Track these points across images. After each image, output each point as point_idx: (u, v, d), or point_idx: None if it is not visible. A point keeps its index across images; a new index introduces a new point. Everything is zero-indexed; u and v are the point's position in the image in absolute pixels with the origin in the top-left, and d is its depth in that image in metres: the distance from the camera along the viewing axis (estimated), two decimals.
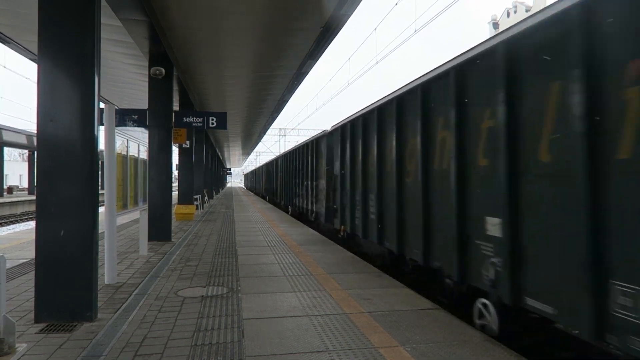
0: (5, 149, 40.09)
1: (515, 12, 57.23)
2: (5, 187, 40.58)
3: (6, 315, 3.44)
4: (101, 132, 4.98)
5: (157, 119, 9.96)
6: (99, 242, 4.77)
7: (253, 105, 18.24)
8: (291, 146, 26.40)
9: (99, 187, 4.79)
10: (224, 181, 64.30)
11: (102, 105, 5.62)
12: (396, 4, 13.36)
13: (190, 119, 11.06)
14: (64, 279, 4.28)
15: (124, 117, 9.88)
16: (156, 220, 9.73)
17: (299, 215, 16.40)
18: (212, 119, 11.09)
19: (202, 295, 5.30)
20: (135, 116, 9.96)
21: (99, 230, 4.68)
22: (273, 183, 27.16)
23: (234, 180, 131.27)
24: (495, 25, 60.38)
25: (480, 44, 4.65)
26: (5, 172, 42.55)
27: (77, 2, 4.36)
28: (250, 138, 34.78)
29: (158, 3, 7.68)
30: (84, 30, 4.37)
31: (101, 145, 5.31)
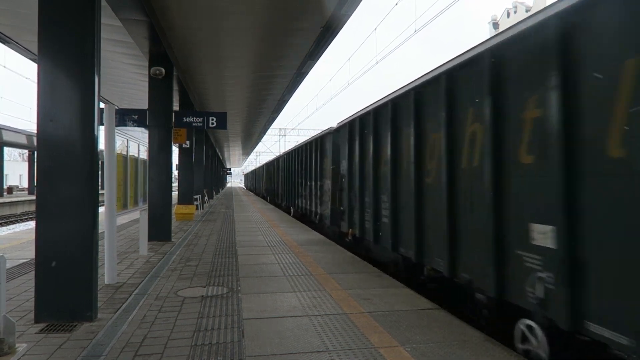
0: (5, 149, 40.10)
1: (515, 12, 57.27)
2: (5, 187, 40.58)
3: (6, 315, 3.44)
4: (101, 132, 4.99)
5: (157, 119, 9.97)
6: (99, 242, 4.77)
7: (253, 105, 18.25)
8: (291, 146, 26.31)
9: (99, 187, 4.79)
10: (224, 181, 64.31)
11: (102, 105, 5.62)
12: (396, 4, 13.37)
13: (190, 119, 11.06)
14: (64, 279, 4.28)
15: (124, 117, 9.88)
16: (156, 220, 9.73)
17: (302, 217, 16.21)
18: (212, 119, 11.10)
19: (202, 295, 5.30)
20: (135, 116, 9.97)
21: (99, 230, 4.69)
22: (274, 183, 26.90)
23: (234, 180, 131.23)
24: (495, 25, 60.43)
25: (533, 16, 3.87)
26: (5, 172, 42.55)
27: (77, 2, 4.37)
28: (250, 138, 34.78)
29: (158, 3, 7.69)
30: (84, 30, 4.37)
31: (101, 145, 5.32)
